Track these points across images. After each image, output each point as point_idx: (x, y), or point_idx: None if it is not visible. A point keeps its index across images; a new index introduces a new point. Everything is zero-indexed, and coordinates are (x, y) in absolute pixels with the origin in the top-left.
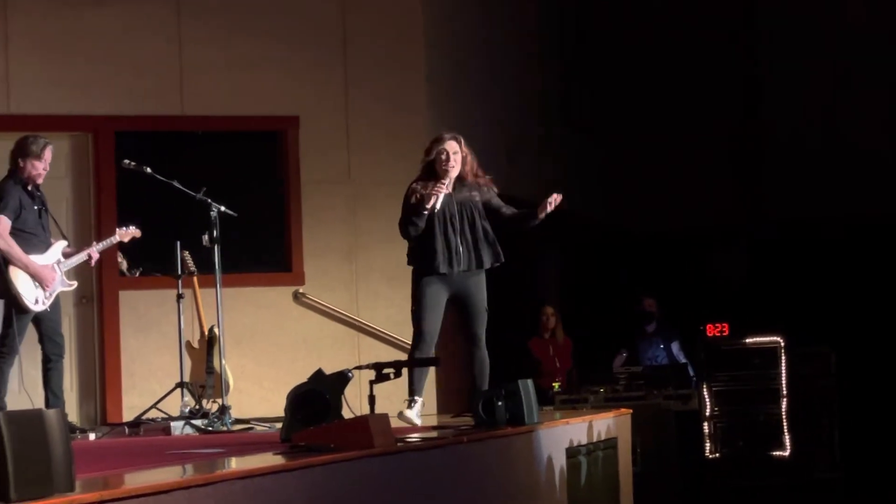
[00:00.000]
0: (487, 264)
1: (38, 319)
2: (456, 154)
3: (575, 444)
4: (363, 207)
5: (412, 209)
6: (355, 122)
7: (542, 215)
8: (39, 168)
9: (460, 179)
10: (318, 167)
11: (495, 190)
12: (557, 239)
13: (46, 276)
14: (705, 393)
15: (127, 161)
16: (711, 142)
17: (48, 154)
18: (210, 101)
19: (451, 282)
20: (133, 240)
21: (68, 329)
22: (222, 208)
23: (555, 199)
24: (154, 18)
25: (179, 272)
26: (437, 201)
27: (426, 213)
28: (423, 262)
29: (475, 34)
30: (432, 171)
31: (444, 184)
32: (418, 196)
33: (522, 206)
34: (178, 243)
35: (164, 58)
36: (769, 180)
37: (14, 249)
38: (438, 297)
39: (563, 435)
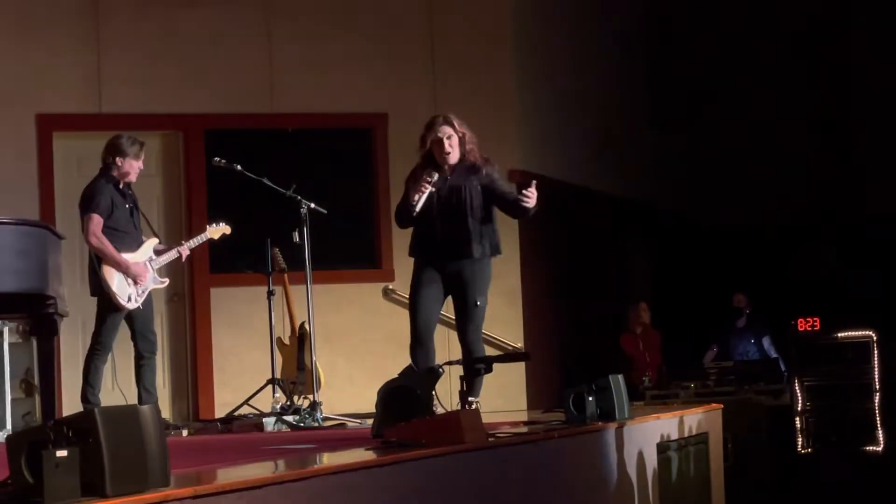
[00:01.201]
0: (478, 254)
1: (131, 317)
2: (451, 138)
3: (666, 439)
4: None
5: (402, 202)
6: None
7: (526, 205)
8: (136, 168)
9: (460, 161)
10: (407, 164)
11: (497, 173)
12: (647, 235)
13: (139, 273)
14: (797, 388)
15: (217, 159)
16: (802, 135)
17: (143, 154)
18: (299, 100)
19: (444, 271)
20: (223, 236)
21: (160, 326)
22: (312, 205)
23: (532, 190)
24: (243, 18)
25: (270, 269)
26: (422, 199)
27: (414, 208)
28: (415, 249)
29: (562, 31)
30: (433, 157)
31: (428, 181)
32: (407, 188)
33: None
34: (269, 240)
35: (253, 57)
36: (861, 173)
37: (107, 247)
38: (431, 286)
39: (654, 430)
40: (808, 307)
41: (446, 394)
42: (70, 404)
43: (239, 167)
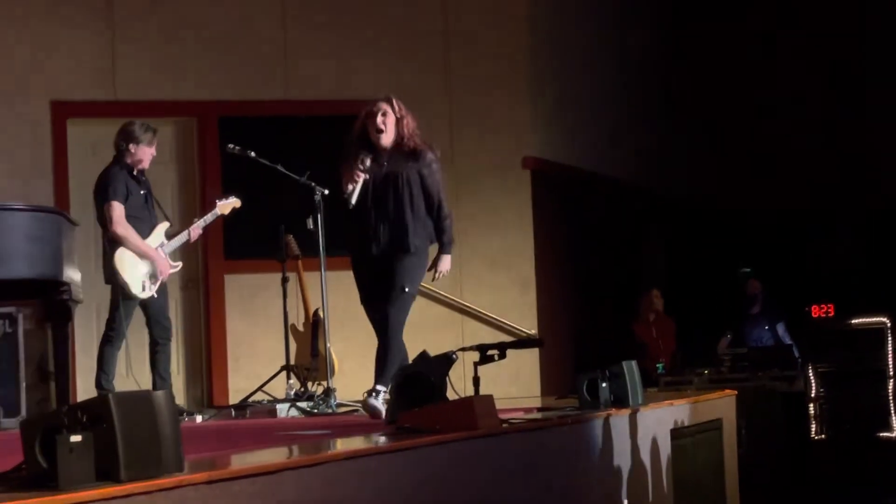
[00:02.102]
0: (412, 248)
1: (146, 303)
2: (386, 116)
3: (679, 425)
4: (466, 192)
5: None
6: (458, 106)
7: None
8: (149, 154)
9: (397, 146)
10: None
11: (436, 165)
12: (661, 221)
13: (162, 262)
14: (811, 374)
15: (231, 146)
16: (818, 120)
17: (156, 141)
18: (313, 86)
19: (375, 263)
20: (234, 210)
21: (175, 313)
22: (326, 192)
23: (440, 274)
24: (258, 4)
25: (284, 256)
26: (356, 189)
27: (349, 201)
28: (348, 241)
29: (577, 16)
30: (366, 138)
31: (361, 168)
32: (341, 174)
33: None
34: (283, 227)
35: (267, 43)
36: (877, 158)
37: (132, 235)
38: (370, 282)
39: (668, 416)
40: (823, 293)
41: (459, 380)
42: (84, 390)
43: (253, 154)
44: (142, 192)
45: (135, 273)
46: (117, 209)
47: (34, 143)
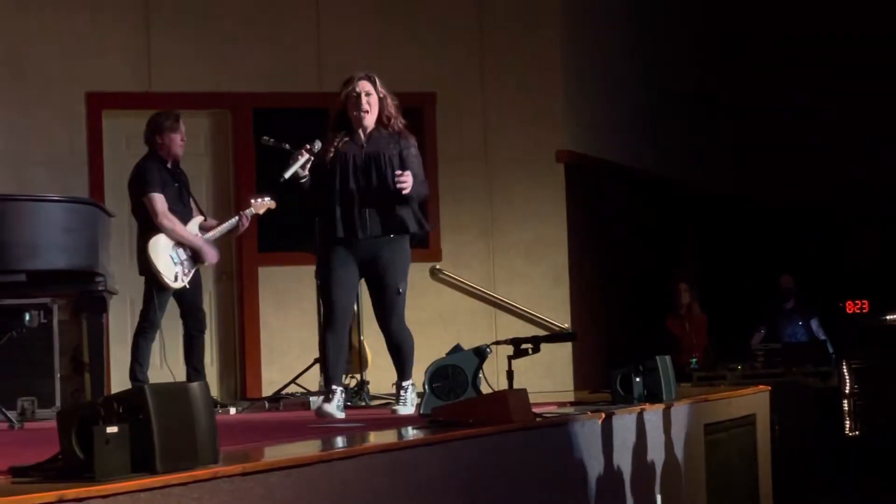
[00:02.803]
0: (397, 233)
1: (180, 295)
2: (370, 96)
3: (713, 420)
4: (499, 183)
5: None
6: (491, 98)
7: (402, 186)
8: (178, 140)
9: (377, 127)
10: (455, 144)
11: (415, 149)
12: (695, 215)
13: (208, 252)
14: (845, 370)
15: (266, 138)
16: (852, 114)
17: (182, 125)
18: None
19: (358, 249)
20: (268, 210)
21: (209, 305)
22: None
23: (405, 176)
24: None
25: (317, 248)
26: (292, 168)
27: (280, 181)
28: (323, 226)
29: (611, 9)
30: (344, 118)
31: (308, 148)
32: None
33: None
34: (317, 219)
35: (302, 35)
36: None
37: (177, 226)
38: (345, 267)
39: (701, 411)
40: (857, 289)
41: (493, 374)
42: (118, 382)
43: (287, 146)
44: (175, 184)
45: (168, 264)
46: (158, 201)
47: (70, 134)
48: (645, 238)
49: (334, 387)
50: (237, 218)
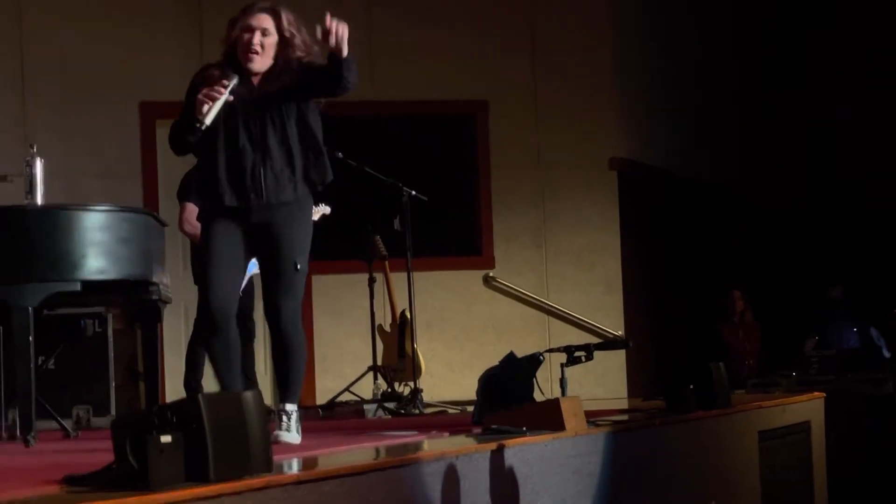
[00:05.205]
0: (294, 195)
1: None
2: (268, 36)
3: (767, 427)
4: (551, 190)
5: (184, 117)
6: (544, 106)
7: (332, 43)
8: None
9: (272, 69)
10: (507, 151)
11: (316, 55)
12: (747, 222)
13: None
14: None
15: None
16: None
17: None
18: (400, 87)
19: (247, 219)
20: (323, 217)
21: (262, 314)
22: (413, 193)
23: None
24: (344, 5)
25: (371, 256)
26: (213, 109)
27: (199, 126)
28: (202, 191)
29: (662, 12)
30: (235, 56)
31: (225, 84)
32: (201, 96)
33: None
34: (370, 228)
35: (353, 44)
36: None
37: (199, 233)
38: (228, 247)
39: (756, 418)
40: None
41: (546, 381)
42: (173, 390)
43: (340, 155)
44: None
45: None
46: (186, 209)
47: (123, 143)
48: (697, 245)
49: (288, 406)
50: None
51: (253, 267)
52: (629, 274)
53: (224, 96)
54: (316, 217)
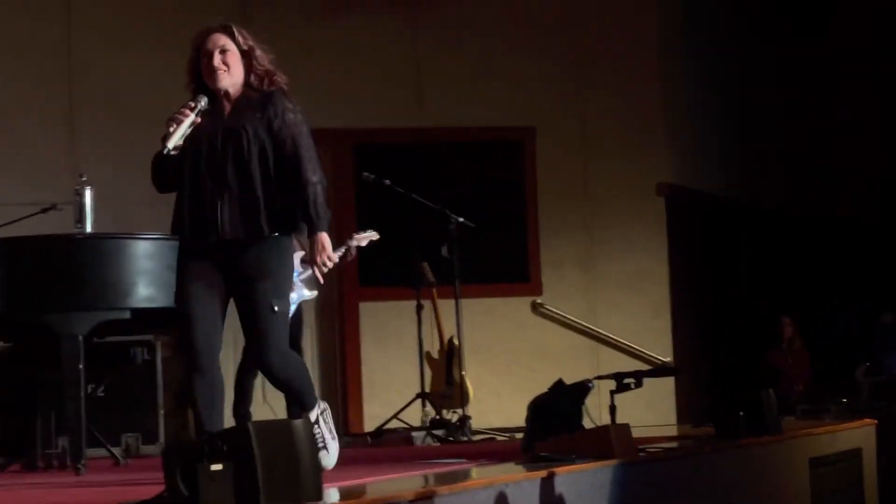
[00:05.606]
0: (268, 230)
1: None
2: (226, 52)
3: (818, 454)
4: (599, 216)
5: (158, 152)
6: (591, 130)
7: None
8: None
9: (245, 92)
10: (555, 177)
11: (294, 114)
12: (799, 247)
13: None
14: None
15: (366, 174)
16: None
17: None
18: (448, 113)
19: (217, 255)
20: (371, 243)
21: (310, 340)
22: (461, 220)
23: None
24: (391, 31)
25: (419, 283)
26: (178, 131)
27: (169, 153)
28: (175, 226)
29: (710, 35)
30: (203, 84)
31: (192, 106)
32: (167, 119)
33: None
34: (418, 254)
35: (401, 70)
36: None
37: None
38: (204, 286)
39: (806, 445)
40: None
41: (595, 408)
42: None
43: (388, 182)
44: None
45: None
46: None
47: None
48: (745, 269)
49: (308, 416)
50: (343, 248)
51: (302, 293)
52: (678, 299)
53: (190, 118)
54: (363, 242)
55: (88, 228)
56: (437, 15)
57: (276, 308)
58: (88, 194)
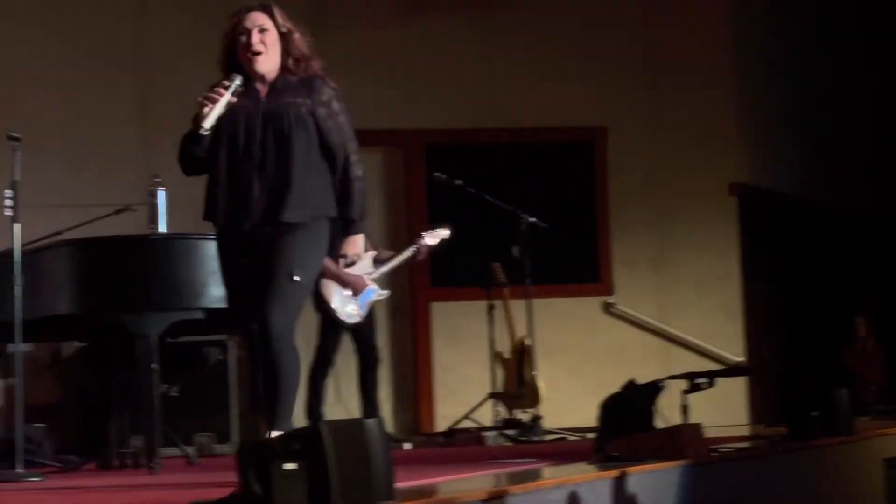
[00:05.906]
0: (298, 217)
1: (355, 330)
2: (265, 32)
3: (893, 455)
4: (670, 216)
5: (188, 133)
6: (662, 130)
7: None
8: None
9: (282, 74)
10: (626, 177)
11: (338, 103)
12: (872, 247)
13: (358, 285)
14: None
15: (438, 174)
16: None
17: None
18: (518, 114)
19: (246, 239)
20: (442, 241)
21: (382, 340)
22: (532, 220)
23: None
24: (460, 33)
25: (490, 284)
26: (213, 112)
27: (204, 133)
28: (207, 209)
29: (784, 34)
30: (236, 63)
31: (227, 85)
32: (200, 98)
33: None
34: (489, 255)
35: (471, 71)
36: None
37: (326, 263)
38: (237, 264)
39: (881, 446)
40: None
41: (668, 408)
42: (295, 417)
43: (459, 182)
44: None
45: (342, 300)
46: None
47: None
48: (818, 269)
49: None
50: (415, 247)
51: (372, 293)
52: (750, 299)
53: (225, 97)
54: (435, 241)
55: (162, 229)
56: (508, 16)
57: (294, 277)
58: (162, 195)
